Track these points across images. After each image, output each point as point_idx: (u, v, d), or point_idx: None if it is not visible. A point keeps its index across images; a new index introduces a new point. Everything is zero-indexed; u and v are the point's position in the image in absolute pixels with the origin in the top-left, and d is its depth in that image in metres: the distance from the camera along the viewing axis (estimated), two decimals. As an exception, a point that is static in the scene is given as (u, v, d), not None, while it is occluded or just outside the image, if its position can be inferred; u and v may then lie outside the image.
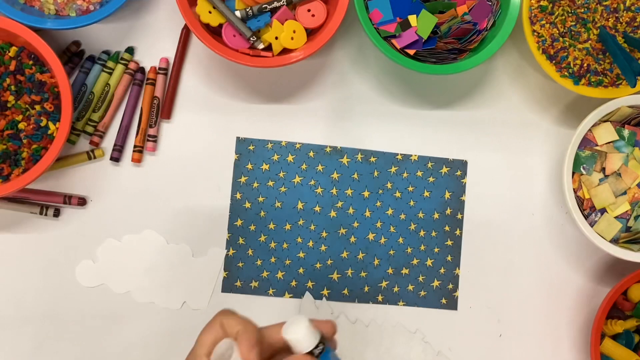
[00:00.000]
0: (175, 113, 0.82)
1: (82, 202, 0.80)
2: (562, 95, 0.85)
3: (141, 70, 0.81)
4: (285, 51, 0.77)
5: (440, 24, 0.77)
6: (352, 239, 0.83)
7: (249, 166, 0.82)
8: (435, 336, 0.83)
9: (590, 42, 0.78)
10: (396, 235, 0.84)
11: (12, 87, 0.74)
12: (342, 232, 0.83)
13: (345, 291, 0.83)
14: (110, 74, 0.80)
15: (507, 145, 0.85)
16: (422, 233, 0.84)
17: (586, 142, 0.80)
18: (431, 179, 0.84)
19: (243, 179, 0.82)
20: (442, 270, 0.84)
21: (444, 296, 0.84)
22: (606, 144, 0.80)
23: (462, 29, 0.77)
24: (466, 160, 0.84)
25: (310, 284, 0.83)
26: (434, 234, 0.84)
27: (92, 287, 0.80)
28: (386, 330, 0.83)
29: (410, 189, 0.84)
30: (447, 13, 0.78)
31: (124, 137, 0.81)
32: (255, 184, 0.82)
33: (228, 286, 0.82)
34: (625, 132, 0.81)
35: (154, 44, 0.82)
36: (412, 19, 0.76)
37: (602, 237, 0.79)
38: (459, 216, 0.84)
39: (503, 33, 0.76)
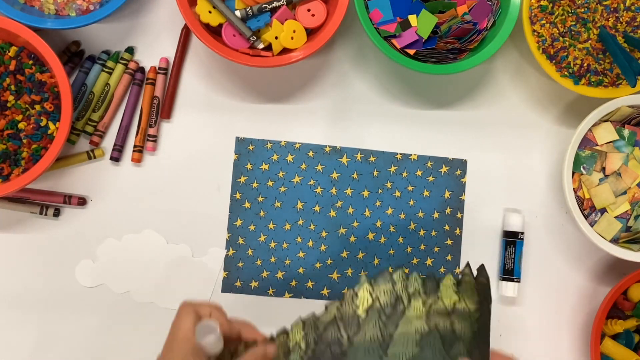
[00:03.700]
0: (175, 113, 0.82)
1: (82, 202, 0.80)
2: (562, 95, 0.85)
3: (141, 70, 0.81)
4: (285, 51, 0.77)
5: (441, 24, 0.77)
6: (352, 239, 0.83)
7: (249, 166, 0.82)
8: (435, 336, 0.83)
9: (590, 41, 0.78)
10: (396, 234, 0.84)
11: (12, 87, 0.74)
12: (341, 232, 0.83)
13: (346, 291, 0.83)
14: (110, 73, 0.80)
15: (507, 145, 0.85)
16: (421, 232, 0.84)
17: (586, 141, 0.80)
18: (431, 179, 0.84)
19: (243, 179, 0.82)
20: (442, 270, 0.84)
21: (444, 296, 0.84)
22: (606, 143, 0.80)
23: (462, 28, 0.77)
24: (466, 159, 0.84)
25: (310, 283, 0.83)
26: (433, 233, 0.84)
27: (92, 287, 0.80)
28: None
29: (410, 188, 0.84)
30: (447, 13, 0.78)
31: (124, 137, 0.81)
32: (255, 184, 0.82)
33: (228, 286, 0.82)
34: (625, 132, 0.81)
35: (154, 43, 0.82)
36: (412, 18, 0.76)
37: (602, 237, 0.79)
38: (459, 215, 0.84)
39: (503, 33, 0.76)
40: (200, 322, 0.62)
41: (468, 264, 0.67)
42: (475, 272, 0.67)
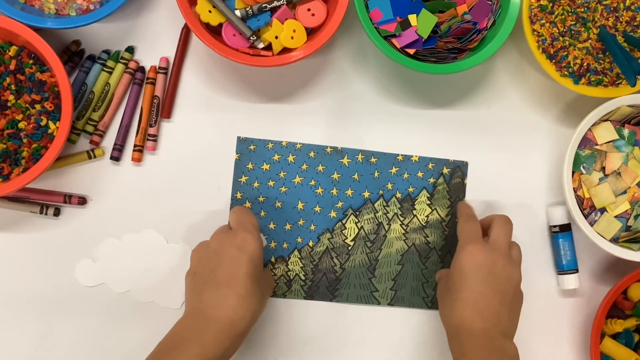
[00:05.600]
0: (176, 112, 0.82)
1: (82, 201, 0.80)
2: (562, 94, 0.85)
3: (141, 69, 0.81)
4: (285, 50, 0.77)
5: (441, 23, 0.77)
6: (352, 239, 0.84)
7: (250, 166, 0.82)
8: (436, 336, 0.83)
9: (590, 41, 0.78)
10: (396, 234, 0.84)
11: (12, 87, 0.74)
12: (342, 232, 0.83)
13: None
14: (111, 73, 0.80)
15: (507, 145, 0.85)
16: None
17: (586, 141, 0.80)
18: (431, 180, 0.84)
19: (243, 179, 0.82)
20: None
21: (444, 296, 0.84)
22: (606, 143, 0.80)
23: (462, 28, 0.77)
24: (467, 161, 0.84)
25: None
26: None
27: (92, 287, 0.80)
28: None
29: (411, 189, 0.84)
30: (447, 12, 0.78)
31: (124, 137, 0.81)
32: (256, 184, 0.82)
33: (228, 286, 0.82)
34: (625, 132, 0.81)
35: (154, 43, 0.82)
36: (412, 18, 0.76)
37: (602, 236, 0.79)
38: (459, 216, 0.84)
39: (503, 32, 0.76)
40: None
41: (442, 174, 0.81)
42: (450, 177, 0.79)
